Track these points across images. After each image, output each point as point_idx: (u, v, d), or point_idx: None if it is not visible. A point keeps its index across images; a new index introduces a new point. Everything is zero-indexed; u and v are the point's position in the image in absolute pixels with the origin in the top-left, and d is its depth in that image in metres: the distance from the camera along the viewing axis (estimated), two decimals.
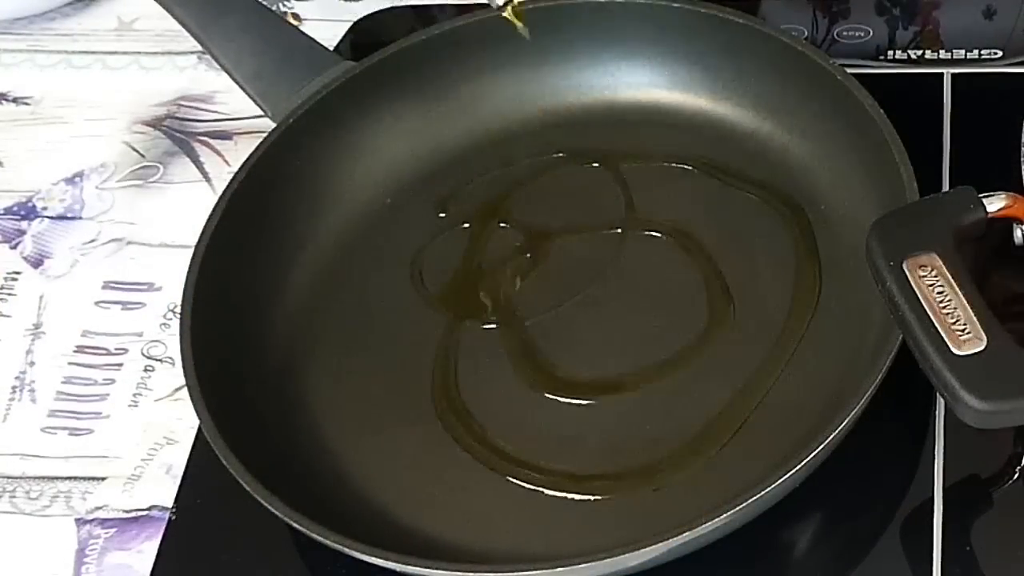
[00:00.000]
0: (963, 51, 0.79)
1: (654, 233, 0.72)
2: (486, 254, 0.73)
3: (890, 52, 0.80)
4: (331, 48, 0.78)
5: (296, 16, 0.88)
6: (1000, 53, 0.79)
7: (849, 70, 0.70)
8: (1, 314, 0.75)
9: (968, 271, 0.58)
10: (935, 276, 0.57)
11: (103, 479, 0.68)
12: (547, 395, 0.66)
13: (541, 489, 0.64)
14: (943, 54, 0.79)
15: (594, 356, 0.68)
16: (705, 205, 0.73)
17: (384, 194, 0.75)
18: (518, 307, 0.70)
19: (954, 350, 0.55)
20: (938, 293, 0.57)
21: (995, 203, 0.61)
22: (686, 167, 0.74)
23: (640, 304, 0.69)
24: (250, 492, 0.60)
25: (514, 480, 0.64)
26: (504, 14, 0.73)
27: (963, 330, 0.56)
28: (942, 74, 0.78)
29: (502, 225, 0.74)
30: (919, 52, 0.80)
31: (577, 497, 0.63)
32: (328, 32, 0.83)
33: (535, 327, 0.69)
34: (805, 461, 0.58)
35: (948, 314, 0.56)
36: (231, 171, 0.74)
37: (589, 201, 0.74)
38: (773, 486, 0.58)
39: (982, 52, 0.79)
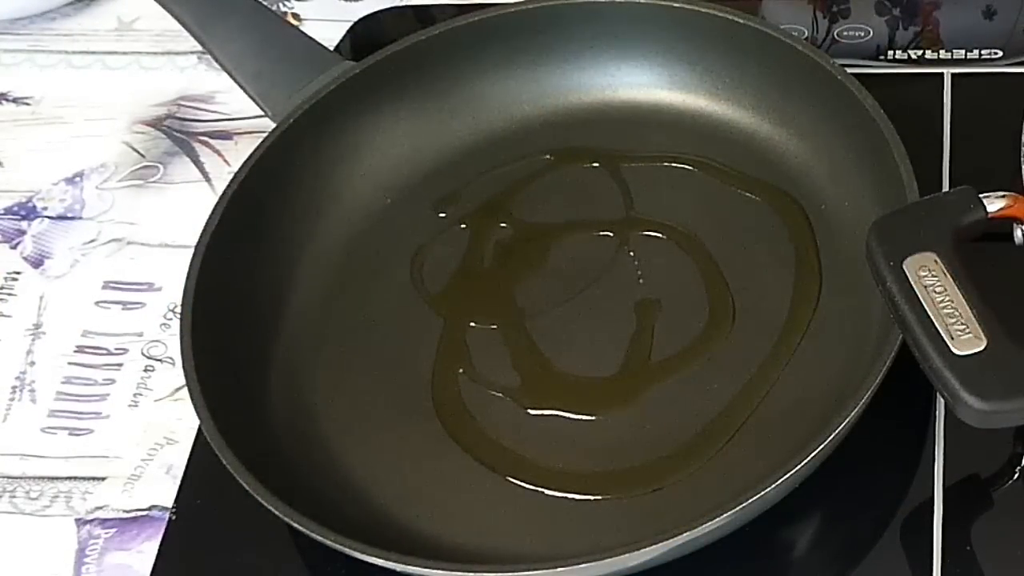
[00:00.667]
0: (963, 51, 0.79)
1: (654, 233, 0.72)
2: (486, 254, 0.73)
3: (890, 52, 0.80)
4: (331, 48, 0.78)
5: (296, 16, 0.88)
6: (1000, 53, 0.79)
7: (849, 70, 0.70)
8: (1, 314, 0.76)
9: (968, 271, 0.58)
10: (935, 276, 0.57)
11: (103, 479, 0.68)
12: (544, 412, 0.67)
13: (541, 489, 0.64)
14: (943, 54, 0.79)
15: (594, 356, 0.68)
16: (705, 205, 0.73)
17: (384, 194, 0.75)
18: (518, 307, 0.70)
19: (954, 350, 0.55)
20: (938, 293, 0.57)
21: (995, 203, 0.61)
22: (686, 167, 0.74)
23: (640, 304, 0.69)
24: (250, 492, 0.60)
25: (514, 480, 0.64)
26: None
27: (963, 330, 0.56)
28: (942, 74, 0.78)
29: (502, 225, 0.74)
30: (919, 52, 0.80)
31: (577, 497, 0.63)
32: (328, 32, 0.83)
33: (535, 327, 0.69)
34: (805, 461, 0.58)
35: (948, 314, 0.56)
36: (231, 171, 0.74)
37: (589, 201, 0.74)
38: (773, 486, 0.58)
39: (982, 52, 0.79)
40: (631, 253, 0.71)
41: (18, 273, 0.77)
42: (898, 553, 0.61)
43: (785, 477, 0.58)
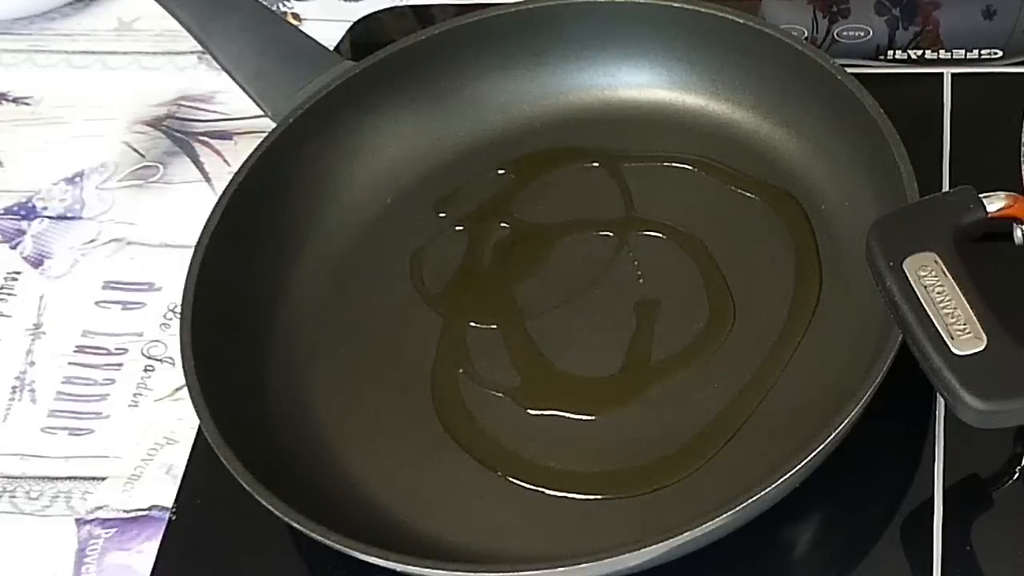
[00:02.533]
0: (963, 51, 0.79)
1: (654, 233, 0.72)
2: (486, 254, 0.73)
3: (890, 52, 0.80)
4: (331, 48, 0.78)
5: (296, 16, 0.88)
6: (1000, 53, 0.79)
7: (849, 70, 0.70)
8: (1, 314, 0.76)
9: (968, 271, 0.58)
10: (935, 276, 0.57)
11: (103, 479, 0.68)
12: (544, 412, 0.66)
13: (541, 489, 0.64)
14: (943, 54, 0.79)
15: (594, 356, 0.68)
16: (705, 205, 0.73)
17: (384, 194, 0.75)
18: (518, 307, 0.70)
19: (954, 350, 0.55)
20: (938, 293, 0.57)
21: (995, 203, 0.61)
22: (686, 167, 0.74)
23: (640, 304, 0.69)
24: (250, 492, 0.60)
25: (514, 480, 0.64)
26: None
27: (963, 330, 0.56)
28: (942, 74, 0.78)
29: (502, 225, 0.74)
30: (919, 52, 0.80)
31: (577, 497, 0.63)
32: (328, 32, 0.83)
33: (535, 327, 0.69)
34: (805, 461, 0.58)
35: (948, 314, 0.56)
36: (231, 171, 0.74)
37: (589, 201, 0.74)
38: (773, 486, 0.58)
39: (982, 52, 0.79)
40: (631, 253, 0.71)
41: (18, 273, 0.77)
42: (898, 553, 0.61)
43: (785, 477, 0.58)
